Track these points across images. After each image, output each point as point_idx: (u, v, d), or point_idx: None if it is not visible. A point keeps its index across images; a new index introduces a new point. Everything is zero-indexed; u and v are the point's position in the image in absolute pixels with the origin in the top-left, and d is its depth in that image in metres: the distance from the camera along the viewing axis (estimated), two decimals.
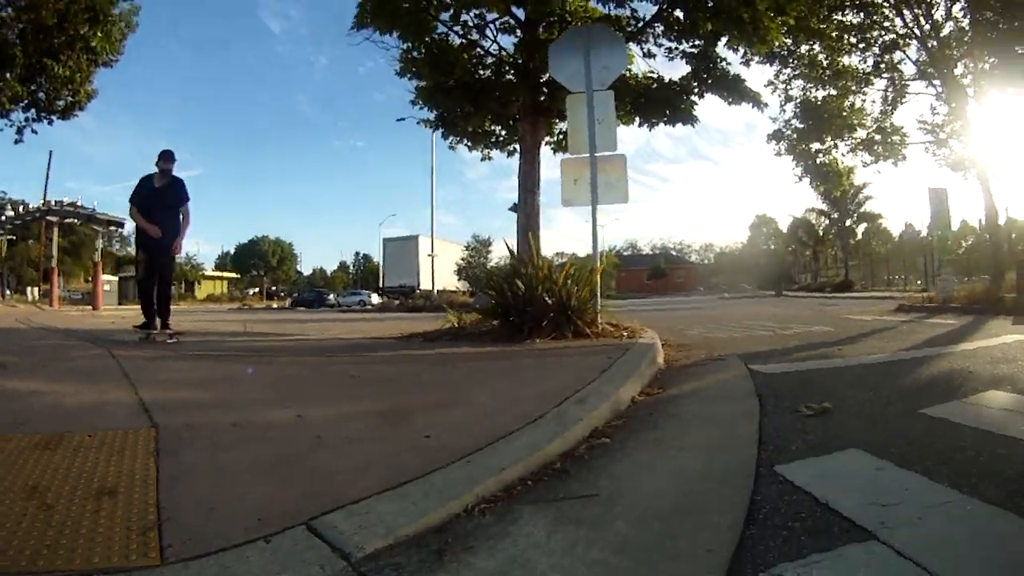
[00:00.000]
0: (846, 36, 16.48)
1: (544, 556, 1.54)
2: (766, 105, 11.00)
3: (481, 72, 11.09)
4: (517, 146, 11.02)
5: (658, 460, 2.39)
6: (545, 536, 1.65)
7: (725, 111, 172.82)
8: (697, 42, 10.38)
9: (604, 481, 2.11)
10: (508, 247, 8.39)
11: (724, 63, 10.69)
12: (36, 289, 39.19)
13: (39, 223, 33.18)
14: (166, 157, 6.94)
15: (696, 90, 10.82)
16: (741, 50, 11.08)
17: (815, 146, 17.76)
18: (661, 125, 11.11)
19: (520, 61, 10.37)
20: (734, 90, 10.67)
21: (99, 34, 17.16)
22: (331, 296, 49.90)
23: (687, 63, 10.73)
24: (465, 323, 7.08)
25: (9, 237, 40.17)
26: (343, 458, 2.19)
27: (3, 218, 33.92)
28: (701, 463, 2.31)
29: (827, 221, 52.32)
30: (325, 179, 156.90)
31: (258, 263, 77.98)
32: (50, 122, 18.08)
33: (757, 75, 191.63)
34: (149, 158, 7.09)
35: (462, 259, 54.59)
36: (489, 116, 11.75)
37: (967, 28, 14.96)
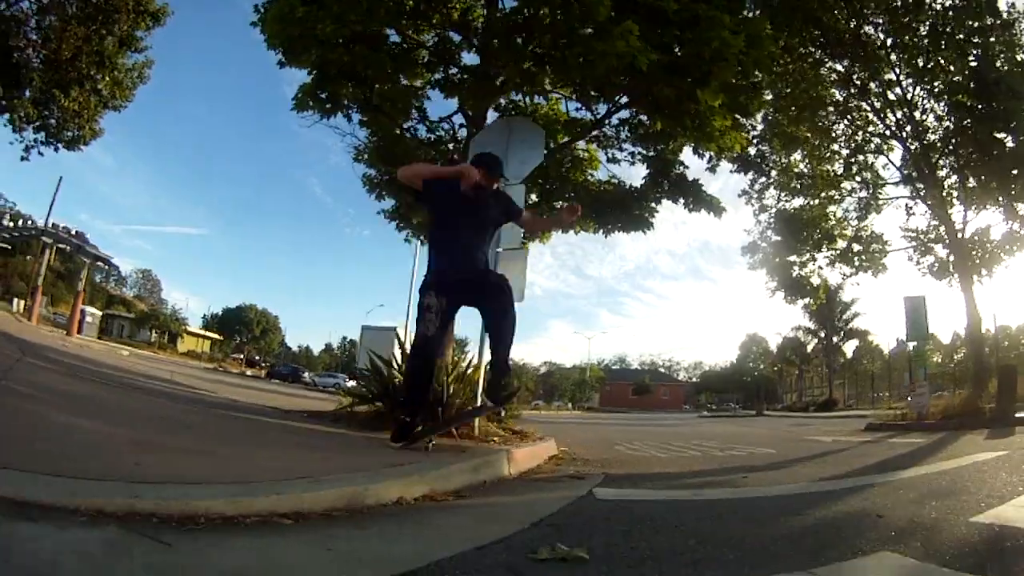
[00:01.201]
0: (825, 143, 16.81)
1: None
2: (724, 210, 10.89)
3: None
4: None
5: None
6: None
7: (725, 230, 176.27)
8: (658, 146, 10.44)
9: None
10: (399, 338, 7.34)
11: (682, 167, 10.84)
12: (22, 302, 39.16)
13: (38, 242, 33.79)
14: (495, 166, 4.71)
15: (655, 195, 10.89)
16: (706, 155, 10.88)
17: (792, 258, 17.47)
18: (618, 233, 11.21)
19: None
20: (691, 195, 10.65)
21: (107, 79, 18.03)
22: (307, 374, 50.35)
23: (646, 167, 10.85)
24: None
25: (5, 246, 40.75)
26: None
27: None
28: None
29: (814, 339, 52.51)
30: (327, 261, 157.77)
31: (242, 329, 78.09)
32: (56, 148, 18.97)
33: (733, 184, 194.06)
34: (160, 211, 6.39)
35: None
36: None
37: (951, 128, 15.14)
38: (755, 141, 16.42)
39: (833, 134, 16.93)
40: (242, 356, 68.92)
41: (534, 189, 10.25)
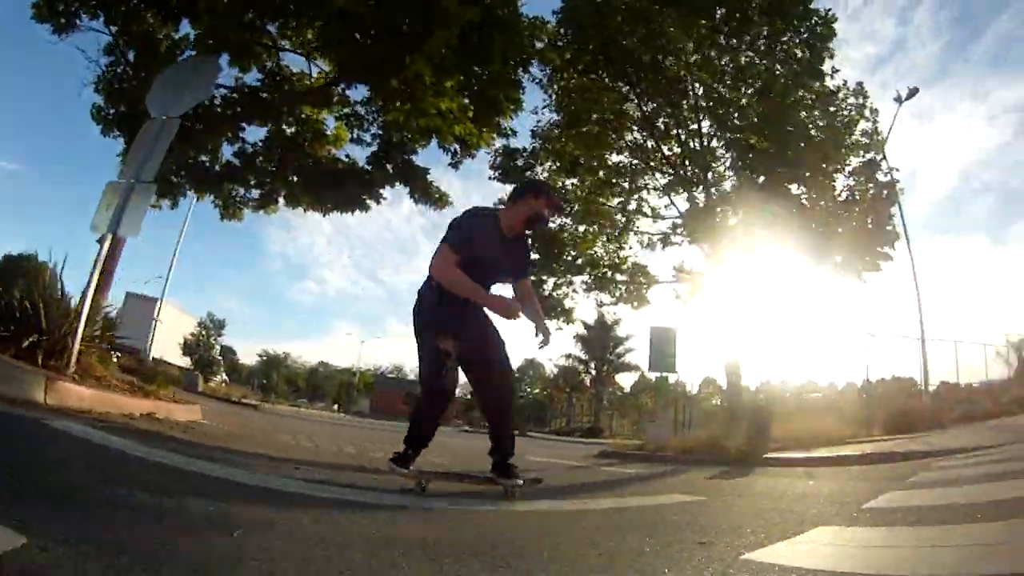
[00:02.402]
0: (610, 176, 16.72)
1: None
2: (449, 204, 10.79)
3: None
4: None
5: None
6: None
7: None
8: (379, 119, 10.24)
9: None
10: None
11: (412, 152, 10.52)
12: None
13: None
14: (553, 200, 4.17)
15: (381, 178, 10.55)
16: (451, 148, 10.42)
17: (544, 277, 16.88)
18: (338, 214, 11.07)
19: None
20: (417, 184, 10.40)
21: None
22: None
23: (376, 147, 10.50)
24: None
25: None
26: None
27: None
28: None
29: (583, 368, 54.99)
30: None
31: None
32: None
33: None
34: None
35: (192, 335, 50.74)
36: None
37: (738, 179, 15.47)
38: (524, 152, 16.36)
39: (619, 167, 16.83)
40: None
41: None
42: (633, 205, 17.11)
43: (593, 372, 53.13)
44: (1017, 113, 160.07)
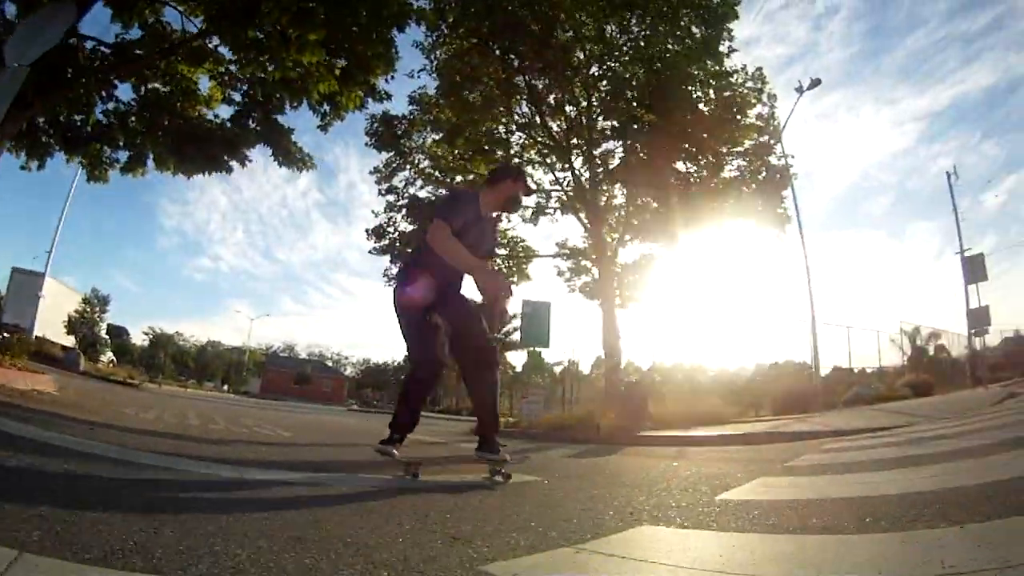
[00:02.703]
0: (492, 146, 15.88)
1: None
2: (312, 167, 10.50)
3: None
4: None
5: None
6: None
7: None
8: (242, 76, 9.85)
9: None
10: None
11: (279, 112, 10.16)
12: None
13: None
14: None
15: (244, 138, 10.24)
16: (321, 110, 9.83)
17: None
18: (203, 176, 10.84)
19: None
20: (279, 143, 10.07)
21: None
22: None
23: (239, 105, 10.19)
24: None
25: None
26: None
27: None
28: None
29: None
30: None
31: None
32: None
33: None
34: None
35: (76, 312, 47.05)
36: None
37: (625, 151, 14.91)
38: (403, 119, 15.62)
39: (499, 138, 16.09)
40: None
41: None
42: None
43: None
44: (922, 121, 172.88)
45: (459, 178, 16.12)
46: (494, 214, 4.26)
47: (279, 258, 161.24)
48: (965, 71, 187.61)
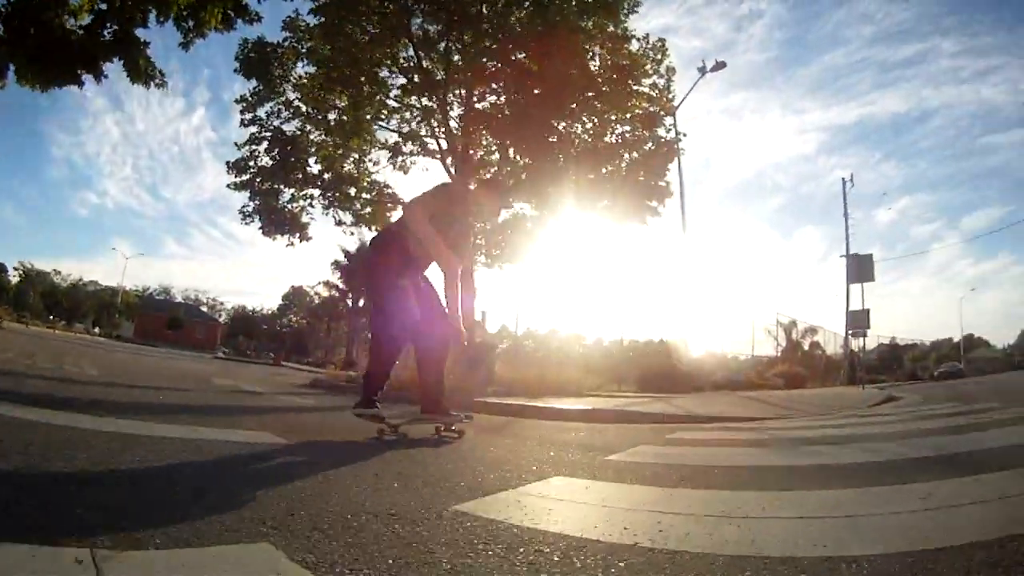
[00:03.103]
0: (374, 88, 14.63)
1: None
2: (163, 85, 9.89)
3: None
4: None
5: None
6: None
7: None
8: None
9: None
10: None
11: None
12: None
13: None
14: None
15: (91, 45, 9.55)
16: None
17: (282, 187, 14.71)
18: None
19: None
20: (131, 56, 9.56)
21: None
22: None
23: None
24: None
25: None
26: None
27: None
28: None
29: (341, 298, 52.39)
30: None
31: None
32: None
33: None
34: None
35: None
36: None
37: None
38: (277, 47, 14.19)
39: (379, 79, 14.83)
40: None
41: None
42: (395, 125, 15.51)
43: (350, 303, 50.88)
44: (825, 133, 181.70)
45: (332, 117, 14.84)
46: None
47: (165, 196, 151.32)
48: (877, 94, 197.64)
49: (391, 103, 15.21)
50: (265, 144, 14.54)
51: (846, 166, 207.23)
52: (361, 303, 48.10)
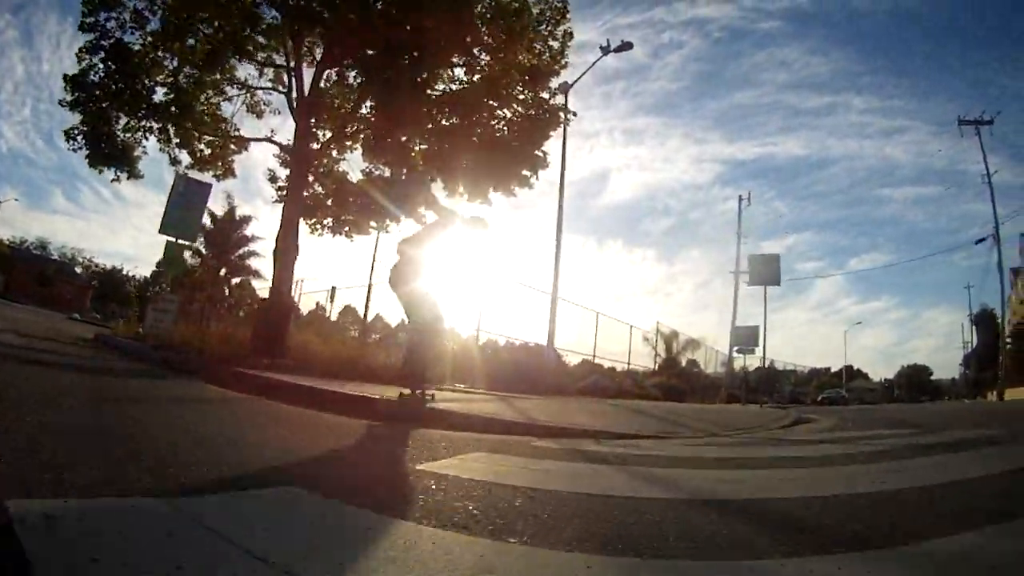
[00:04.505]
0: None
1: None
2: None
3: None
4: None
5: None
6: None
7: None
8: None
9: None
10: None
11: None
12: None
13: None
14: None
15: None
16: None
17: (121, 118, 12.53)
18: None
19: None
20: None
21: None
22: None
23: None
24: None
25: None
26: None
27: None
28: None
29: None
30: None
31: None
32: None
33: None
34: None
35: None
36: None
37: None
38: None
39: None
40: None
41: None
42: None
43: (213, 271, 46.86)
44: (724, 165, 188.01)
45: (191, 40, 12.62)
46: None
47: (60, 146, 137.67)
48: (780, 137, 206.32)
49: (259, 38, 13.15)
50: (102, 53, 12.19)
51: (738, 198, 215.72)
52: (223, 272, 44.24)
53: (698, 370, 31.91)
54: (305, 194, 13.95)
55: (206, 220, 24.32)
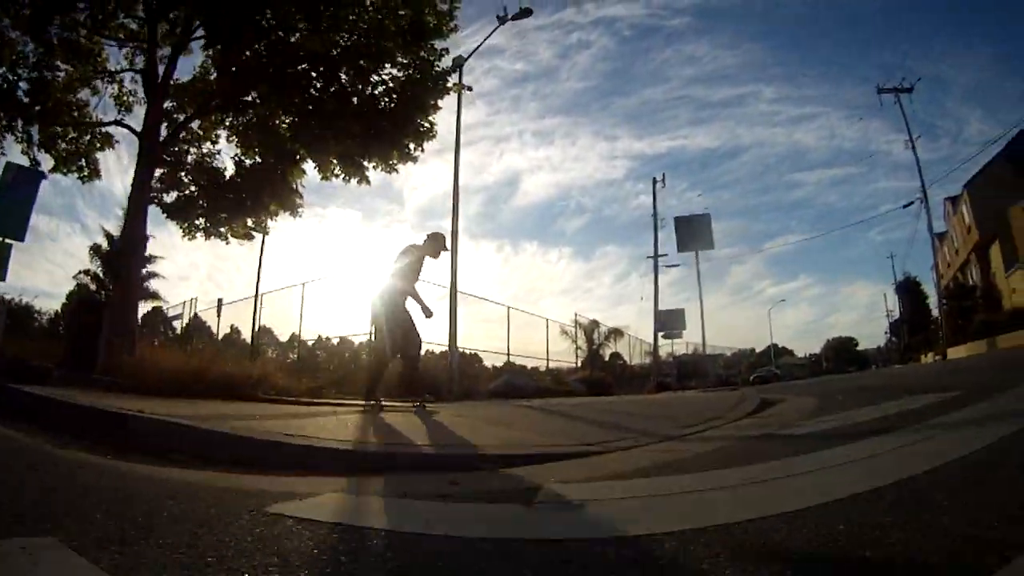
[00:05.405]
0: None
1: None
2: None
3: None
4: None
5: None
6: None
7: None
8: None
9: None
10: None
11: None
12: None
13: None
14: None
15: None
16: None
17: None
18: None
19: None
20: None
21: None
22: None
23: None
24: None
25: None
26: None
27: None
28: None
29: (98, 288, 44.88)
30: None
31: None
32: None
33: None
34: None
35: None
36: None
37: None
38: None
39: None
40: None
41: None
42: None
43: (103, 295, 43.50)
44: (635, 160, 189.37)
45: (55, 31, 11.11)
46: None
47: None
48: (690, 130, 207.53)
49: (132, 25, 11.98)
50: None
51: (651, 192, 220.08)
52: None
53: (622, 362, 30.76)
54: (175, 194, 12.75)
55: (102, 242, 22.04)
